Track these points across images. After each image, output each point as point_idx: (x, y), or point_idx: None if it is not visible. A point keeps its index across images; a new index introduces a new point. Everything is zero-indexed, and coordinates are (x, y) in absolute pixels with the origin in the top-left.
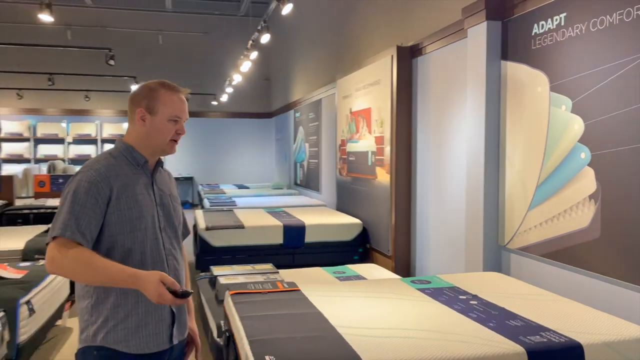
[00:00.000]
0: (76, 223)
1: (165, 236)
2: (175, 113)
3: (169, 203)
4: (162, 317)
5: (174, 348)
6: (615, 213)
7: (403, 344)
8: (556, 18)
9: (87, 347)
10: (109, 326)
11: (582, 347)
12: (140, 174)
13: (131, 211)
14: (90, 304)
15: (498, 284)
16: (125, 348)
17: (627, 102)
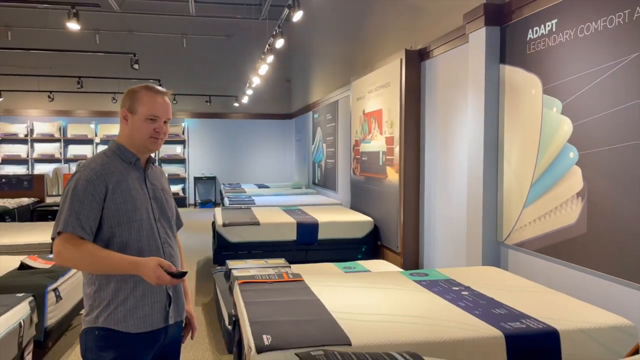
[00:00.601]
0: (77, 218)
1: (160, 226)
2: (152, 112)
3: (162, 196)
4: (158, 299)
5: (169, 328)
6: (599, 210)
7: (389, 327)
8: (548, 24)
9: (90, 328)
10: (110, 309)
11: (557, 333)
12: (133, 170)
13: (126, 204)
14: (93, 290)
15: (492, 277)
16: (124, 327)
17: (611, 104)
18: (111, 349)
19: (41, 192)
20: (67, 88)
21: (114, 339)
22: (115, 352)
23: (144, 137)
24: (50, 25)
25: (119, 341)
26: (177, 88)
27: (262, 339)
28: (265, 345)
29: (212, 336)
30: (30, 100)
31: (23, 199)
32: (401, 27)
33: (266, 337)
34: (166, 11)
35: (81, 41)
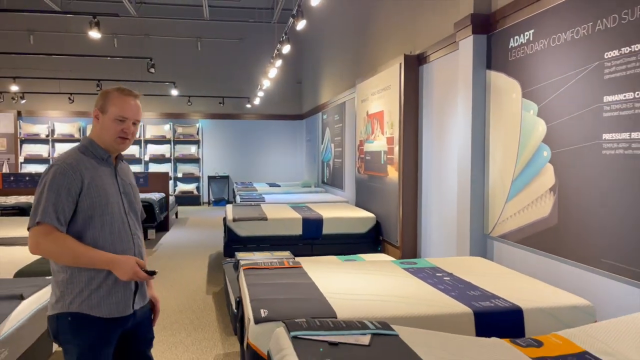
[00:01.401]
0: (53, 210)
1: (130, 219)
2: (121, 113)
3: (130, 191)
4: (129, 286)
5: (136, 313)
6: (568, 203)
7: (373, 304)
8: (526, 34)
9: (62, 313)
10: (84, 295)
11: (522, 311)
12: (104, 166)
13: (100, 198)
14: (65, 277)
15: (475, 265)
16: (98, 313)
17: (576, 107)
18: (85, 333)
19: None
20: (87, 90)
21: (88, 323)
22: (89, 335)
23: (112, 137)
24: (71, 29)
25: (93, 325)
26: (191, 90)
27: (260, 312)
28: (262, 317)
29: (221, 320)
30: (52, 102)
31: None
32: (401, 33)
33: (263, 311)
34: (181, 16)
35: (100, 45)
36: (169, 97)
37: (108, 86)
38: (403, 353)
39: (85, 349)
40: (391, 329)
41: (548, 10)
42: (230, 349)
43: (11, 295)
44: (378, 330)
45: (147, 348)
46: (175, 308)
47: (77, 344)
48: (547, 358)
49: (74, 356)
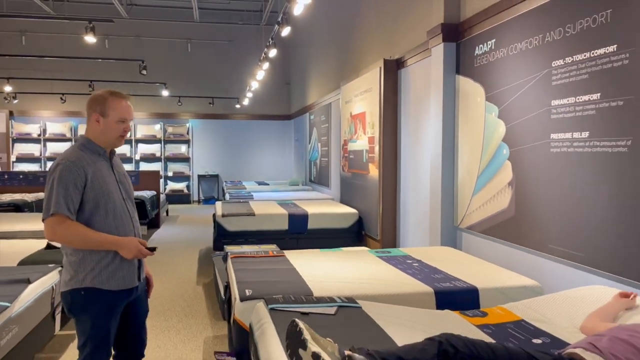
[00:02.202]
0: (64, 202)
1: (128, 204)
2: (122, 116)
3: (125, 180)
4: (132, 262)
5: (137, 288)
6: (523, 196)
7: (346, 285)
8: (489, 43)
9: (76, 289)
10: (95, 272)
11: (477, 290)
12: (102, 160)
13: (102, 189)
14: (78, 258)
15: (444, 254)
16: (107, 286)
17: (529, 110)
18: (96, 304)
19: None
20: (79, 90)
21: (99, 296)
22: (100, 306)
23: (115, 136)
24: (63, 31)
25: (103, 297)
26: (181, 90)
27: (245, 292)
28: (247, 296)
29: (211, 307)
30: (43, 102)
31: (39, 194)
32: (381, 38)
33: (248, 291)
34: (172, 17)
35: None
36: (160, 97)
37: (100, 87)
38: (363, 320)
39: (96, 318)
40: (355, 303)
41: (506, 23)
42: (219, 332)
43: (19, 279)
44: (344, 303)
45: (144, 319)
46: (167, 297)
47: (90, 315)
48: (489, 325)
49: (87, 325)
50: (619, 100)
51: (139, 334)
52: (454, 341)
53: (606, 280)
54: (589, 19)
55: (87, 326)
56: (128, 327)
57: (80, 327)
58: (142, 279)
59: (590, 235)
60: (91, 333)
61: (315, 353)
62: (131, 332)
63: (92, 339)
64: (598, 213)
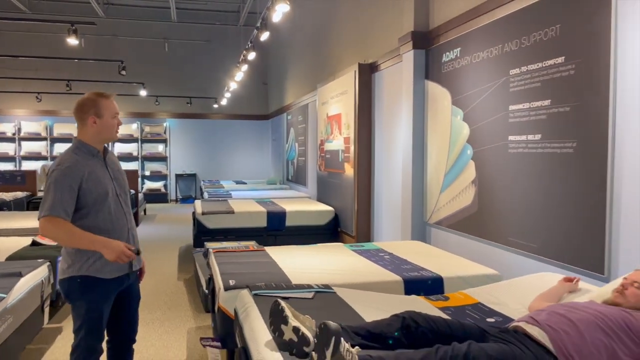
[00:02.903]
0: (60, 204)
1: (122, 199)
2: (115, 111)
3: (120, 177)
4: None
5: (130, 274)
6: (485, 193)
7: (322, 275)
8: (455, 51)
9: (73, 276)
10: (90, 262)
11: (442, 278)
12: (97, 160)
13: (98, 188)
14: (74, 249)
15: (414, 247)
16: (102, 274)
17: (490, 114)
18: (92, 291)
19: (33, 186)
20: (55, 90)
21: (94, 283)
22: (95, 293)
23: (112, 132)
24: (39, 29)
25: (98, 285)
26: (159, 90)
27: (229, 282)
28: (230, 285)
29: (192, 301)
30: (18, 101)
31: (17, 193)
32: (357, 43)
33: (231, 281)
34: (149, 17)
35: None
36: (137, 97)
37: (78, 86)
38: (337, 303)
39: (91, 304)
40: (331, 289)
41: (470, 33)
42: (201, 323)
43: (12, 272)
44: (320, 289)
45: (136, 305)
46: (150, 292)
47: (85, 300)
48: (450, 307)
49: (82, 310)
50: (566, 107)
51: (130, 319)
52: (416, 317)
53: (555, 267)
54: (542, 32)
55: (82, 311)
56: (121, 313)
57: (75, 312)
58: (134, 268)
59: (542, 228)
60: (86, 317)
61: (295, 327)
62: (123, 318)
63: (87, 323)
64: (548, 208)
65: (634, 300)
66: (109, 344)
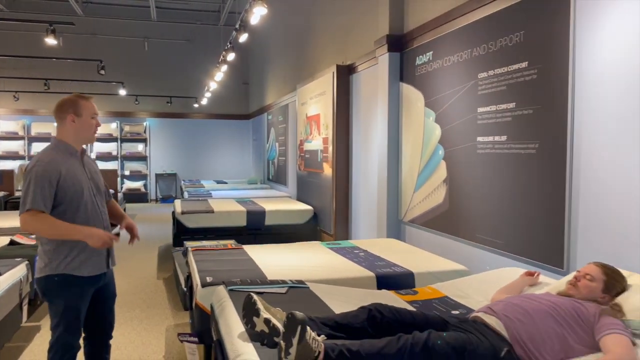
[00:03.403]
0: (41, 198)
1: (97, 199)
2: (94, 112)
3: (95, 177)
4: (101, 251)
5: (106, 274)
6: (456, 192)
7: (297, 271)
8: (427, 55)
9: (50, 275)
10: (68, 260)
11: (413, 274)
12: (74, 160)
13: (75, 186)
14: (52, 247)
15: (388, 245)
16: (79, 273)
17: (460, 116)
18: (69, 289)
19: (10, 186)
20: (34, 88)
21: (71, 281)
22: (72, 291)
23: (90, 132)
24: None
25: (75, 283)
26: (139, 89)
27: (206, 279)
28: (208, 282)
29: (172, 299)
30: None
31: None
32: (335, 45)
33: (208, 278)
34: (129, 16)
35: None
36: (117, 96)
37: (56, 85)
38: (310, 297)
39: (69, 301)
40: (304, 284)
41: (441, 37)
42: (180, 321)
43: None
44: (294, 284)
45: (112, 302)
46: (129, 290)
47: (63, 298)
48: (418, 301)
49: (60, 307)
50: (530, 109)
51: (107, 315)
52: (381, 308)
53: (519, 262)
54: (507, 38)
55: (60, 308)
56: (97, 310)
57: (53, 310)
58: (110, 266)
59: (507, 225)
60: (64, 315)
61: (266, 319)
62: (100, 314)
63: (65, 320)
64: (513, 206)
65: (586, 292)
66: (86, 341)
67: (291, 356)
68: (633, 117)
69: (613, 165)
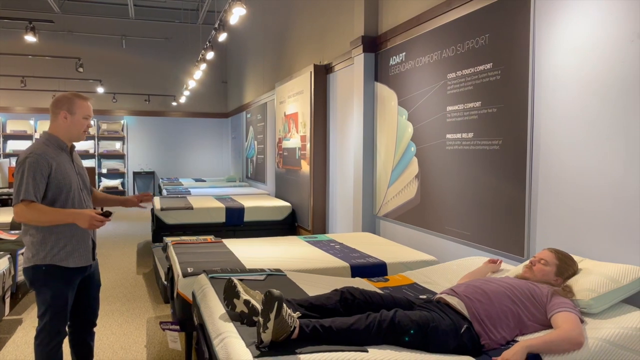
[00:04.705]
0: (33, 189)
1: (84, 194)
2: (87, 113)
3: (83, 172)
4: (87, 244)
5: (91, 265)
6: (427, 187)
7: (275, 262)
8: (400, 55)
9: (37, 265)
10: (55, 251)
11: (385, 264)
12: (64, 155)
13: (64, 180)
14: (39, 239)
15: (363, 238)
16: (65, 264)
17: (431, 114)
18: (56, 279)
19: None
20: (8, 85)
21: (58, 272)
22: (59, 281)
23: (80, 131)
24: None
25: (61, 273)
26: (116, 87)
27: (187, 269)
28: (189, 272)
29: (152, 293)
30: None
31: None
32: (312, 45)
33: (189, 268)
34: (106, 14)
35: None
36: (94, 94)
37: (33, 83)
38: (287, 284)
39: (55, 290)
40: (281, 272)
41: (413, 39)
42: (160, 313)
43: None
44: (272, 272)
45: (97, 292)
46: (109, 285)
47: (49, 287)
48: (388, 287)
49: (47, 296)
50: (494, 108)
51: (92, 303)
52: (352, 290)
53: (484, 252)
54: (474, 40)
55: (47, 297)
56: (82, 298)
57: (40, 298)
58: (95, 257)
59: (473, 218)
60: (51, 303)
61: (246, 300)
62: (85, 303)
63: (52, 308)
64: (478, 199)
65: (540, 275)
66: (71, 328)
67: (269, 330)
68: (587, 116)
69: (568, 161)
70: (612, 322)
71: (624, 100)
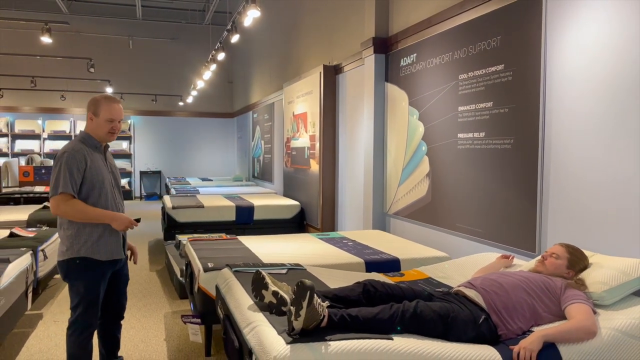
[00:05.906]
0: (70, 183)
1: (116, 192)
2: (110, 116)
3: (115, 171)
4: (118, 238)
5: (121, 259)
6: (438, 185)
7: (291, 258)
8: (411, 56)
9: (72, 258)
10: (88, 244)
11: (399, 260)
12: (97, 153)
13: (97, 176)
14: (73, 232)
15: (374, 235)
16: (98, 256)
17: (442, 114)
18: (89, 271)
19: None
20: (18, 86)
21: (91, 264)
22: (92, 273)
23: (104, 132)
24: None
25: (94, 266)
26: (124, 87)
27: (207, 264)
28: (209, 267)
29: (166, 289)
30: None
31: None
32: (322, 46)
33: (210, 263)
34: (114, 15)
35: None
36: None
37: (43, 83)
38: (308, 276)
39: (88, 283)
40: (301, 266)
41: (424, 41)
42: (176, 308)
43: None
44: (292, 267)
45: (126, 285)
46: None
47: (83, 280)
48: (405, 282)
49: (80, 288)
50: (505, 108)
51: (120, 297)
52: (374, 283)
53: (495, 248)
54: (485, 42)
55: (80, 289)
56: (112, 292)
57: (74, 291)
58: (126, 252)
59: (484, 215)
60: (84, 295)
61: (274, 291)
62: (115, 296)
63: (85, 301)
64: (490, 197)
65: (552, 268)
66: (100, 320)
67: (301, 318)
68: (598, 116)
69: (579, 159)
70: (624, 313)
71: (634, 100)
